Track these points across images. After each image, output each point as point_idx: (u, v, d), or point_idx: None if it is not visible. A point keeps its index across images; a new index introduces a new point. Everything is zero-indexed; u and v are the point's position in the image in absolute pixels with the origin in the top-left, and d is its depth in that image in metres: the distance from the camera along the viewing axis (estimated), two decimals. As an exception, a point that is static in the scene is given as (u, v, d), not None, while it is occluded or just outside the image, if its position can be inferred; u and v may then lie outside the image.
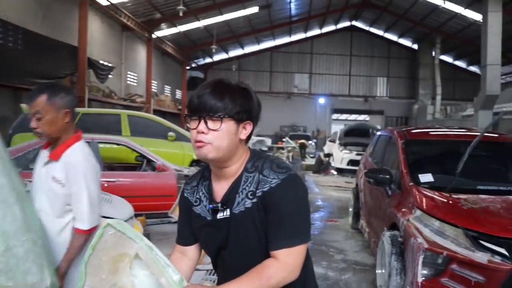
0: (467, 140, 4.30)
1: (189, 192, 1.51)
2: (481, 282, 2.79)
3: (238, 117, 1.33)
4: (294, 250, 1.27)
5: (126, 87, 19.32)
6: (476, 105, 15.87)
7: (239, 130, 1.34)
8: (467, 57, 30.02)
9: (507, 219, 3.01)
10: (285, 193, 1.30)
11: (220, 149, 1.31)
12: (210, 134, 1.30)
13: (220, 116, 1.29)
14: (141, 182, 5.85)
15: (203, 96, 1.32)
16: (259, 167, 1.37)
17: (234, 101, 1.32)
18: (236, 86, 1.37)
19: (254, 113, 1.39)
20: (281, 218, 1.29)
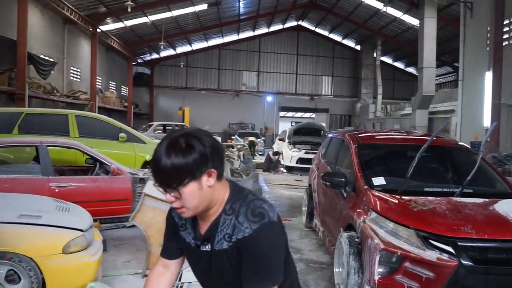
0: (415, 144, 4.65)
1: (176, 214, 1.56)
2: (431, 278, 3.06)
3: (194, 177, 1.35)
4: None
5: (69, 83, 18.48)
6: (414, 105, 16.93)
7: (202, 183, 1.37)
8: (405, 59, 31.79)
9: (452, 219, 3.30)
10: (256, 243, 1.38)
11: (195, 207, 1.40)
12: (182, 200, 1.37)
13: (176, 188, 1.35)
14: (94, 187, 5.67)
15: (156, 173, 1.36)
16: (236, 210, 1.43)
17: (184, 168, 1.33)
18: (183, 146, 1.34)
19: (211, 160, 1.37)
20: (253, 264, 1.39)
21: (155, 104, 31.77)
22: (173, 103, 31.02)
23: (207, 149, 1.36)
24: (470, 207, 3.53)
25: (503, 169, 8.68)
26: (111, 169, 5.77)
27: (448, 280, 3.04)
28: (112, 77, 25.53)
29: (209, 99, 31.56)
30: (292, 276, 1.58)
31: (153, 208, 4.37)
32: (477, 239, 3.11)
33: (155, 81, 31.88)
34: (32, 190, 4.65)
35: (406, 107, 23.86)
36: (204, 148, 1.36)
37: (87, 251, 3.52)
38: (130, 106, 24.84)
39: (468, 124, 12.43)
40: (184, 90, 31.80)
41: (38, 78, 14.36)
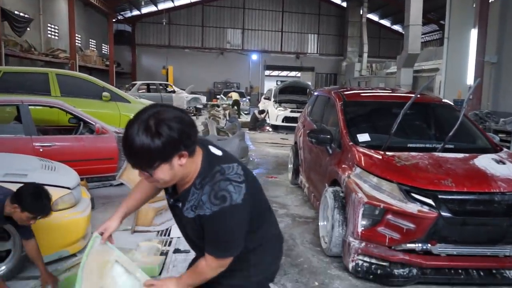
0: (399, 102, 4.70)
1: None
2: (411, 229, 3.20)
3: (165, 160, 1.43)
4: (222, 259, 1.59)
5: (46, 41, 17.81)
6: (399, 63, 16.89)
7: (173, 163, 1.45)
8: (392, 16, 31.40)
9: (433, 173, 3.40)
10: (214, 224, 1.51)
11: (168, 180, 1.51)
12: (150, 179, 1.49)
13: (148, 171, 1.45)
14: (79, 146, 5.63)
15: (128, 157, 1.44)
16: (203, 187, 1.53)
17: (154, 153, 1.39)
18: (153, 132, 1.37)
19: (181, 143, 1.42)
20: (211, 238, 1.56)
21: (137, 63, 31.03)
22: (156, 61, 30.34)
23: (176, 133, 1.39)
24: (451, 162, 3.64)
25: (484, 126, 8.87)
26: (96, 128, 5.71)
27: (427, 230, 3.18)
28: (92, 35, 24.68)
29: (193, 58, 30.93)
30: (264, 235, 1.76)
31: (140, 166, 4.38)
32: (456, 192, 3.23)
33: (137, 39, 30.96)
34: (15, 150, 4.59)
35: (392, 66, 23.81)
36: (173, 133, 1.39)
37: (76, 209, 3.54)
38: (112, 65, 24.19)
39: (452, 82, 12.53)
40: (167, 48, 31.03)
41: (13, 35, 13.80)
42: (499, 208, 3.21)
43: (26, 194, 2.59)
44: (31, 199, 2.59)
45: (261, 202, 1.74)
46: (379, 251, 3.30)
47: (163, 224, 4.49)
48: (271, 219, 1.84)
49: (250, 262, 1.73)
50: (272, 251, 1.83)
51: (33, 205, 2.59)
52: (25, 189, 2.63)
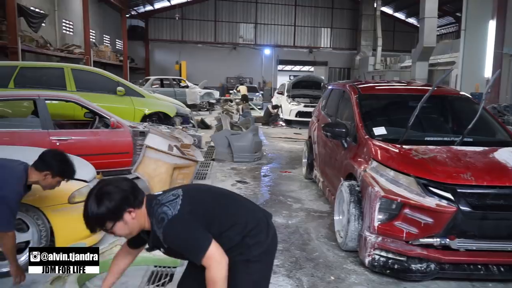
0: (415, 94, 4.63)
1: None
2: (429, 223, 3.15)
3: (117, 219, 1.79)
4: (205, 258, 1.77)
5: (61, 36, 18.01)
6: (414, 57, 16.62)
7: (126, 219, 1.80)
8: (406, 9, 30.94)
9: (452, 167, 3.34)
10: (170, 240, 1.82)
11: (129, 234, 1.87)
12: (114, 234, 1.84)
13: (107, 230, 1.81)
14: (95, 140, 5.67)
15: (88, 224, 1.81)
16: (152, 224, 1.86)
17: (105, 218, 1.77)
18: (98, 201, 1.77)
19: (126, 204, 1.79)
20: (183, 250, 1.82)
21: (151, 58, 31.18)
22: (169, 57, 30.45)
23: (116, 200, 1.77)
24: (470, 155, 3.57)
25: (503, 120, 8.69)
26: (111, 123, 5.75)
27: (446, 225, 3.12)
28: (106, 30, 24.87)
29: (206, 53, 30.96)
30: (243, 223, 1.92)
31: (155, 159, 4.41)
32: (476, 185, 3.17)
33: (150, 34, 31.10)
34: (32, 144, 4.64)
35: (406, 59, 23.53)
36: (113, 200, 1.77)
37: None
38: (126, 60, 24.35)
39: (469, 75, 12.30)
40: (180, 44, 31.11)
41: (29, 31, 13.97)
42: (521, 202, 3.14)
43: (55, 159, 2.68)
44: (61, 164, 2.71)
45: (215, 207, 1.95)
46: (396, 246, 3.26)
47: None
48: (243, 210, 2.01)
49: (248, 244, 1.90)
50: (263, 230, 1.97)
51: (64, 168, 2.73)
52: (51, 155, 2.70)
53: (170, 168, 4.46)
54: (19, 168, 2.68)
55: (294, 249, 3.90)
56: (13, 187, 2.58)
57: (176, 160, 4.51)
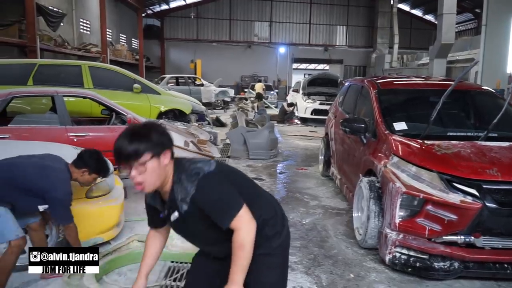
0: (436, 89, 4.52)
1: (150, 199, 1.86)
2: (453, 220, 3.05)
3: (157, 153, 1.62)
4: (238, 217, 1.66)
5: (79, 36, 18.23)
6: (432, 54, 16.31)
7: (160, 161, 1.63)
8: (424, 5, 30.46)
9: (477, 162, 3.23)
10: (204, 193, 1.67)
11: (154, 183, 1.66)
12: (142, 176, 1.61)
13: (144, 159, 1.59)
14: (112, 136, 5.60)
15: (121, 149, 1.58)
16: (180, 179, 1.69)
17: (147, 143, 1.60)
18: (143, 129, 1.63)
19: (166, 143, 1.66)
20: (214, 208, 1.68)
21: (166, 57, 31.36)
22: (185, 55, 30.57)
23: (162, 134, 1.66)
24: (495, 150, 3.45)
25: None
26: (128, 119, 5.76)
27: (471, 222, 3.02)
28: (122, 29, 25.09)
29: (221, 51, 30.99)
30: (261, 210, 1.82)
31: (171, 155, 4.38)
32: (502, 181, 3.06)
33: (165, 33, 31.28)
34: (51, 140, 4.67)
35: (423, 57, 23.11)
36: (163, 134, 1.66)
37: (110, 196, 3.58)
38: (142, 59, 24.54)
39: (490, 72, 12.00)
40: (195, 42, 31.22)
41: (48, 30, 14.17)
42: (550, 199, 3.01)
43: (92, 158, 2.90)
44: (97, 162, 2.92)
45: (242, 182, 1.86)
46: (418, 243, 3.17)
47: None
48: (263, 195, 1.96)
49: (268, 236, 1.82)
50: (279, 220, 1.91)
51: (100, 166, 2.94)
52: (88, 155, 2.93)
53: (187, 163, 4.43)
54: (64, 168, 2.88)
55: (312, 246, 3.83)
56: (66, 189, 2.78)
57: (192, 155, 4.48)
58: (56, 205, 2.74)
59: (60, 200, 2.74)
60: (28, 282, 2.99)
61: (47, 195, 2.71)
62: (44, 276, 3.01)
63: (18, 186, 2.68)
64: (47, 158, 2.94)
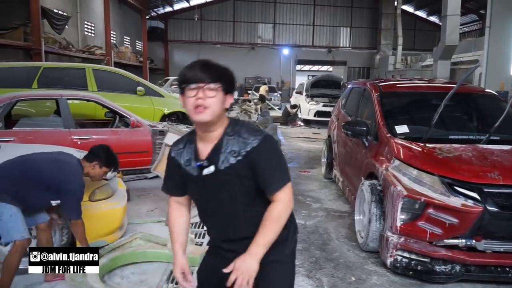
0: (439, 92, 4.52)
1: (177, 153, 1.74)
2: (454, 224, 3.05)
3: (226, 89, 1.60)
4: (286, 188, 1.61)
5: (83, 38, 18.34)
6: (436, 55, 16.29)
7: (225, 100, 1.61)
8: (428, 7, 30.40)
9: (478, 166, 3.23)
10: (267, 149, 1.61)
11: (214, 113, 1.57)
12: (208, 100, 1.56)
13: (218, 85, 1.57)
14: (115, 139, 5.73)
15: (197, 70, 1.57)
16: (237, 131, 1.63)
17: (224, 75, 1.60)
18: (220, 65, 1.62)
19: (233, 89, 1.65)
20: (270, 168, 1.60)
21: (170, 59, 31.48)
22: (188, 57, 30.61)
23: (234, 81, 1.65)
24: (497, 153, 3.45)
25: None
26: (131, 122, 5.82)
27: (472, 226, 3.02)
28: (126, 31, 25.22)
29: (225, 53, 31.04)
30: None
31: (174, 158, 4.41)
32: (503, 185, 3.06)
33: (169, 35, 31.39)
34: (55, 142, 4.71)
35: (427, 58, 23.06)
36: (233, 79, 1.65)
37: (112, 199, 3.60)
38: (146, 61, 24.63)
39: (493, 73, 11.95)
40: (199, 44, 31.30)
41: (52, 33, 14.27)
42: (551, 203, 3.01)
43: (102, 151, 3.03)
44: (107, 155, 3.04)
45: None
46: (419, 247, 3.17)
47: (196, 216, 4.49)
48: None
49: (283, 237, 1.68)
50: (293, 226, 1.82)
51: (109, 159, 3.04)
52: (99, 148, 3.06)
53: (189, 166, 4.45)
54: (76, 163, 2.97)
55: (313, 249, 3.84)
56: (79, 182, 2.87)
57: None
58: (69, 197, 2.80)
59: (73, 192, 2.81)
60: (32, 284, 3.02)
61: (61, 186, 2.77)
62: (49, 279, 3.04)
63: (33, 180, 2.76)
64: (61, 154, 3.06)
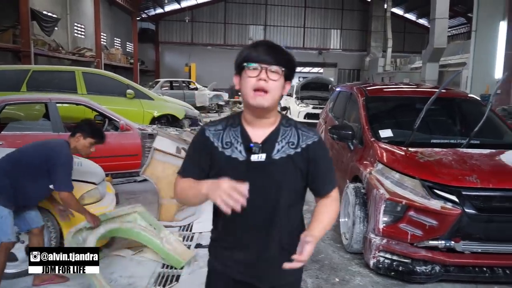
0: (423, 97, 4.61)
1: (213, 134, 1.53)
2: (434, 226, 3.15)
3: (288, 74, 1.48)
4: (336, 188, 1.60)
5: (73, 40, 18.25)
6: (424, 58, 16.51)
7: (285, 86, 1.50)
8: (417, 10, 30.73)
9: (458, 169, 3.34)
10: (325, 149, 1.58)
11: (274, 98, 1.45)
12: (270, 83, 1.42)
13: (282, 69, 1.44)
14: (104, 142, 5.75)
15: (262, 50, 1.43)
16: (293, 124, 1.56)
17: (289, 60, 1.47)
18: (284, 48, 1.49)
19: (293, 75, 1.52)
20: (327, 168, 1.57)
21: (161, 61, 31.41)
22: (179, 59, 30.63)
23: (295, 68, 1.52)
24: (476, 157, 3.56)
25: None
26: (120, 125, 5.85)
27: (451, 227, 3.13)
28: (117, 33, 25.13)
29: (216, 55, 31.08)
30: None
31: (163, 162, 4.47)
32: (481, 188, 3.17)
33: (160, 37, 31.34)
34: (44, 146, 4.74)
35: (416, 61, 23.34)
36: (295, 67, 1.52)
37: (101, 203, 3.64)
38: (136, 63, 24.59)
39: (479, 77, 12.18)
40: (190, 46, 31.29)
41: (42, 35, 14.20)
42: (527, 205, 3.13)
43: (85, 124, 3.17)
44: (90, 127, 3.17)
45: None
46: (401, 248, 3.27)
47: (185, 219, 4.56)
48: None
49: None
50: None
51: (92, 131, 3.15)
52: (81, 123, 3.22)
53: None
54: (62, 141, 3.10)
55: (299, 251, 3.92)
56: (67, 154, 2.99)
57: (184, 162, 4.56)
58: (60, 171, 2.90)
59: (62, 164, 2.92)
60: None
61: (50, 163, 2.89)
62: (36, 283, 3.07)
63: (24, 168, 2.89)
64: (47, 140, 3.22)
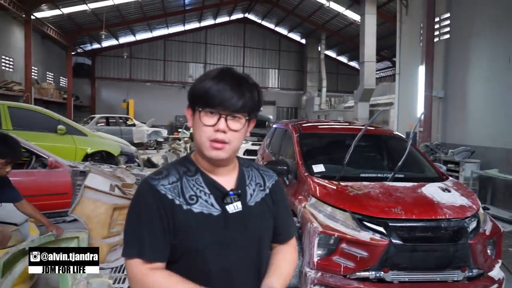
0: (352, 133, 4.89)
1: (170, 189, 1.25)
2: (365, 257, 3.27)
3: (251, 117, 1.28)
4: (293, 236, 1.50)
5: (0, 73, 17.27)
6: (356, 98, 17.60)
7: (248, 128, 1.30)
8: (348, 53, 32.89)
9: (384, 202, 3.53)
10: (281, 191, 1.47)
11: (234, 149, 1.25)
12: (230, 134, 1.21)
13: (246, 116, 1.24)
14: (30, 181, 5.42)
15: (227, 87, 1.19)
16: (249, 163, 1.41)
17: (253, 100, 1.25)
18: (250, 81, 1.28)
19: (257, 113, 1.33)
20: (288, 210, 1.49)
21: (97, 96, 30.51)
22: (117, 95, 29.96)
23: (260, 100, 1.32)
24: (400, 190, 3.79)
25: (435, 157, 9.31)
26: (49, 162, 5.55)
27: (380, 258, 3.26)
28: (50, 67, 24.17)
29: (155, 91, 30.82)
30: None
31: (94, 200, 4.27)
32: (405, 219, 3.36)
33: (97, 72, 30.59)
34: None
35: (349, 100, 24.75)
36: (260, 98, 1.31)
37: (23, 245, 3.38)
38: (70, 98, 23.69)
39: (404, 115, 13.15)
40: (128, 82, 30.80)
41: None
42: (446, 234, 3.35)
43: None
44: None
45: None
46: (334, 281, 3.33)
47: (117, 260, 4.34)
48: None
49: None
50: None
51: (2, 148, 2.83)
52: None
53: (110, 208, 4.33)
54: None
55: None
56: None
57: (116, 200, 4.40)
58: None
59: None
60: None
61: None
62: None
63: None
64: None
